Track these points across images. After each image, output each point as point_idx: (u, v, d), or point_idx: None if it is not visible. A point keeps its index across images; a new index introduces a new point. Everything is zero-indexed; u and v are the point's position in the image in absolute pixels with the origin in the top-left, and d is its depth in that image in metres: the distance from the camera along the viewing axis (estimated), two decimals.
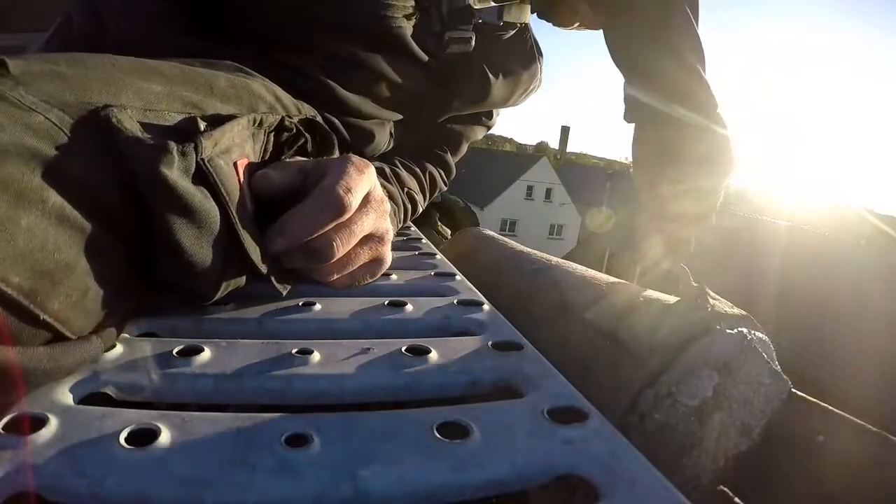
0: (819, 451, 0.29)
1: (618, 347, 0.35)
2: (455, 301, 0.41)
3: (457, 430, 0.23)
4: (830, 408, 0.31)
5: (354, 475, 0.20)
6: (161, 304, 0.33)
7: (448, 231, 0.95)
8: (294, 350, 0.29)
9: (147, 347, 0.29)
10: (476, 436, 0.23)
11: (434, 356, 0.30)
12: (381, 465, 0.21)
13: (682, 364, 0.30)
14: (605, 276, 0.48)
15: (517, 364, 0.31)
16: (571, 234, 18.49)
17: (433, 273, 0.50)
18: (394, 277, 0.47)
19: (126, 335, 0.30)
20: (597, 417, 0.25)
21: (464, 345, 0.33)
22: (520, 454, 0.22)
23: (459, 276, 0.49)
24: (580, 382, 0.29)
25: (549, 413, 0.25)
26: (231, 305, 0.36)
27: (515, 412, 0.25)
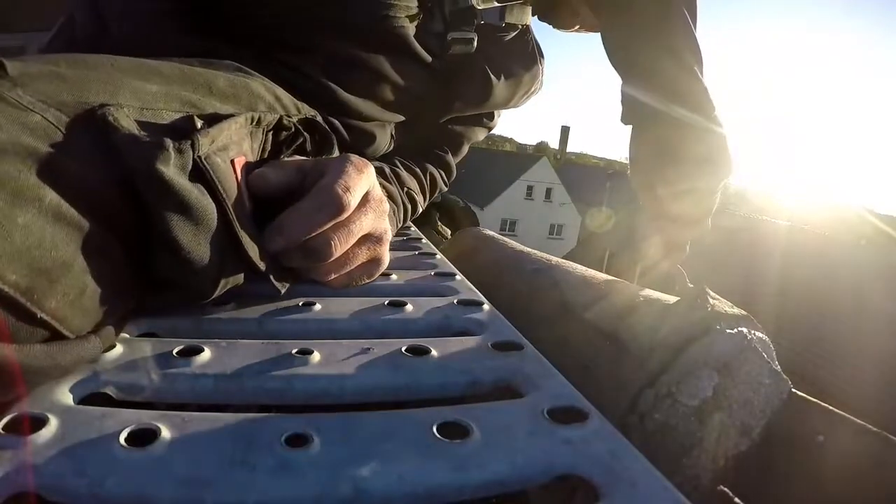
0: (819, 451, 0.29)
1: (618, 347, 0.35)
2: (455, 301, 0.41)
3: (457, 430, 0.23)
4: (830, 408, 0.31)
5: (354, 475, 0.20)
6: (161, 304, 0.33)
7: (448, 231, 0.95)
8: (294, 350, 0.29)
9: (147, 347, 0.29)
10: (476, 436, 0.23)
11: (434, 356, 0.30)
12: (381, 465, 0.21)
13: (682, 364, 0.30)
14: (605, 276, 0.48)
15: (517, 364, 0.31)
16: (571, 234, 18.49)
17: (433, 273, 0.50)
18: (394, 277, 0.47)
19: (126, 335, 0.30)
20: (597, 417, 0.25)
21: (464, 345, 0.33)
22: (520, 454, 0.22)
23: (459, 276, 0.49)
24: (580, 382, 0.29)
25: (549, 413, 0.25)
26: (231, 305, 0.36)
27: (515, 412, 0.25)
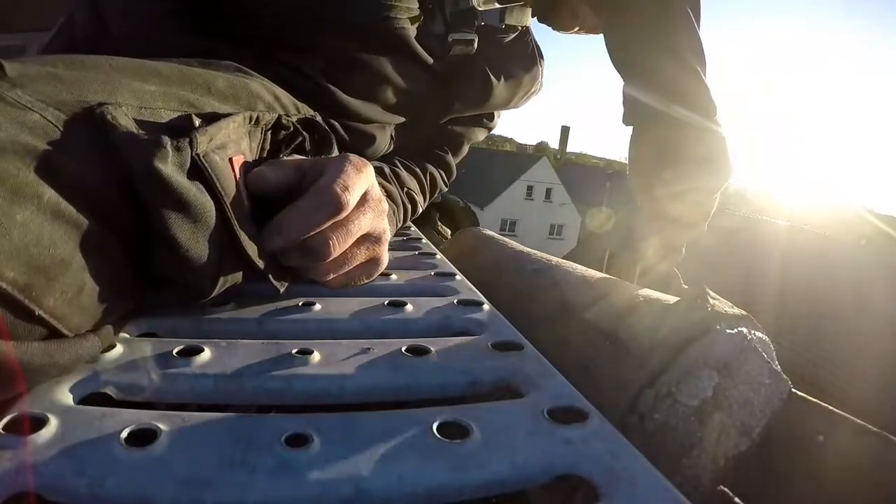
0: (819, 451, 0.29)
1: (618, 347, 0.35)
2: (455, 301, 0.41)
3: (457, 430, 0.23)
4: (830, 408, 0.31)
5: (354, 475, 0.20)
6: (161, 304, 0.33)
7: (448, 231, 0.95)
8: (294, 350, 0.29)
9: (147, 347, 0.29)
10: (476, 436, 0.23)
11: (434, 356, 0.31)
12: (381, 465, 0.21)
13: (682, 364, 0.30)
14: (605, 276, 0.48)
15: (517, 364, 0.31)
16: (571, 234, 18.50)
17: (433, 273, 0.50)
18: (394, 277, 0.47)
19: (126, 335, 0.30)
20: (597, 417, 0.25)
21: (464, 345, 0.33)
22: (520, 454, 0.22)
23: (459, 276, 0.49)
24: (580, 382, 0.29)
25: (549, 413, 0.25)
26: (231, 305, 0.36)
27: (515, 412, 0.25)
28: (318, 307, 0.37)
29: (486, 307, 0.40)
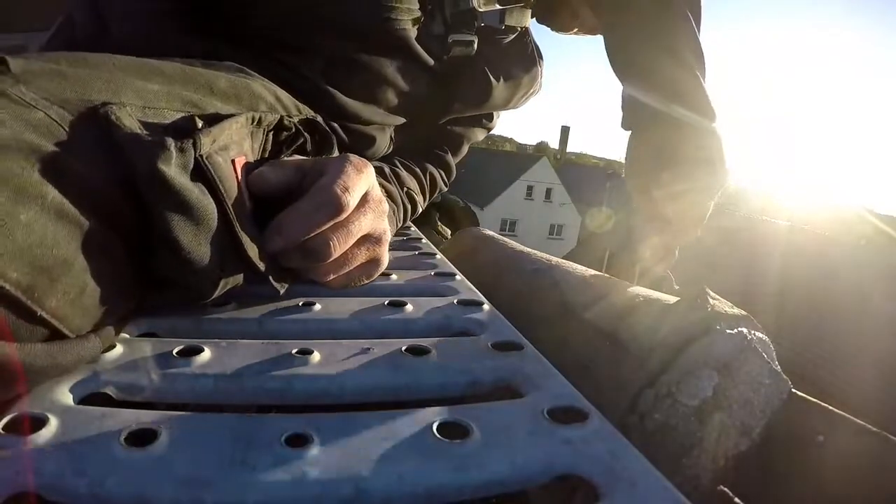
0: (819, 451, 0.29)
1: (618, 347, 0.35)
2: (455, 301, 0.41)
3: (457, 430, 0.23)
4: (830, 408, 0.31)
5: (354, 475, 0.20)
6: (161, 304, 0.33)
7: (448, 231, 0.95)
8: (294, 350, 0.29)
9: (147, 347, 0.29)
10: (476, 436, 0.23)
11: (434, 356, 0.30)
12: (381, 465, 0.21)
13: (682, 364, 0.30)
14: (605, 277, 0.48)
15: (517, 364, 0.31)
16: (571, 234, 18.50)
17: (433, 273, 0.50)
18: (394, 277, 0.47)
19: (126, 335, 0.30)
20: (597, 417, 0.25)
21: (464, 345, 0.33)
22: (520, 454, 0.22)
23: (459, 276, 0.49)
24: (580, 382, 0.29)
25: (549, 413, 0.25)
26: (231, 305, 0.36)
27: (515, 412, 0.25)
28: (318, 307, 0.37)
29: (486, 307, 0.40)
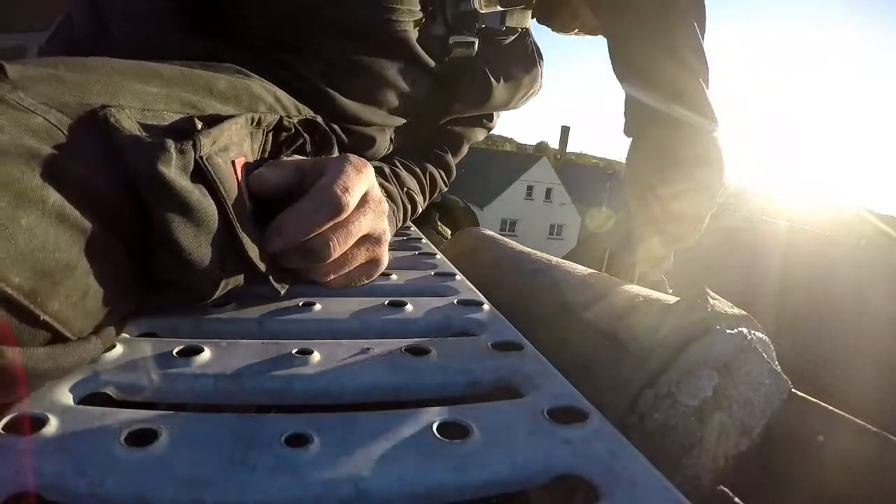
0: (819, 451, 0.29)
1: (618, 347, 0.35)
2: (455, 301, 0.41)
3: (457, 430, 0.23)
4: (830, 408, 0.31)
5: (354, 475, 0.20)
6: (161, 304, 0.33)
7: (448, 231, 0.95)
8: (294, 350, 0.29)
9: (147, 347, 0.29)
10: (476, 436, 0.23)
11: (434, 356, 0.31)
12: (381, 465, 0.21)
13: (682, 364, 0.30)
14: (605, 276, 0.48)
15: (517, 364, 0.31)
16: (571, 234, 18.50)
17: (433, 273, 0.50)
18: (394, 277, 0.47)
19: (126, 335, 0.30)
20: (597, 417, 0.25)
21: (464, 345, 0.33)
22: (520, 454, 0.22)
23: (459, 276, 0.49)
24: (580, 382, 0.29)
25: (549, 413, 0.25)
26: (231, 306, 0.36)
27: (515, 412, 0.25)
28: (318, 307, 0.37)
29: (486, 307, 0.40)
